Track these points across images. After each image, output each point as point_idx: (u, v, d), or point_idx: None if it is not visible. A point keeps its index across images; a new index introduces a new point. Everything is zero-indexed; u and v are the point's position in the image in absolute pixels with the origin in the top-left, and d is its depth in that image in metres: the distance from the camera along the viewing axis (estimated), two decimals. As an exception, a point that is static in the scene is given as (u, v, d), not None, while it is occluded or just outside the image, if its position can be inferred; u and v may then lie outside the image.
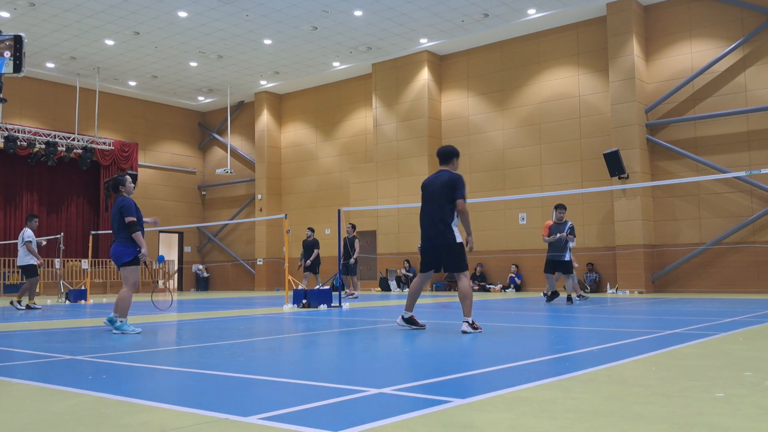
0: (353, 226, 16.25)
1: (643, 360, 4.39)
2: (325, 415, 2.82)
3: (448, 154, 6.86)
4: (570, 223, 11.75)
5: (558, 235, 11.51)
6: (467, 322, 6.28)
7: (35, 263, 12.33)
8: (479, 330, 6.29)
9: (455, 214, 6.52)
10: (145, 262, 7.12)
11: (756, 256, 15.67)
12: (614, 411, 2.82)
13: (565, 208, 11.77)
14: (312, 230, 16.24)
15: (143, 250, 6.97)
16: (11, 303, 12.25)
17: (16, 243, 21.58)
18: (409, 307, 6.83)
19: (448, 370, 4.12)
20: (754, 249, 15.68)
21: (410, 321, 6.81)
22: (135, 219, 6.93)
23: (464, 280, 6.45)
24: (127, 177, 7.25)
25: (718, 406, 2.88)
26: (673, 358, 4.51)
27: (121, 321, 6.80)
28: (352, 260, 15.58)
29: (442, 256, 6.54)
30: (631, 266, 16.72)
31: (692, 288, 16.47)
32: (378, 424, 2.62)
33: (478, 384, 3.61)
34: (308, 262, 15.57)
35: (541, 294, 12.16)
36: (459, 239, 6.46)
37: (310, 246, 15.70)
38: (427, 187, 6.91)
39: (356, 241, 15.86)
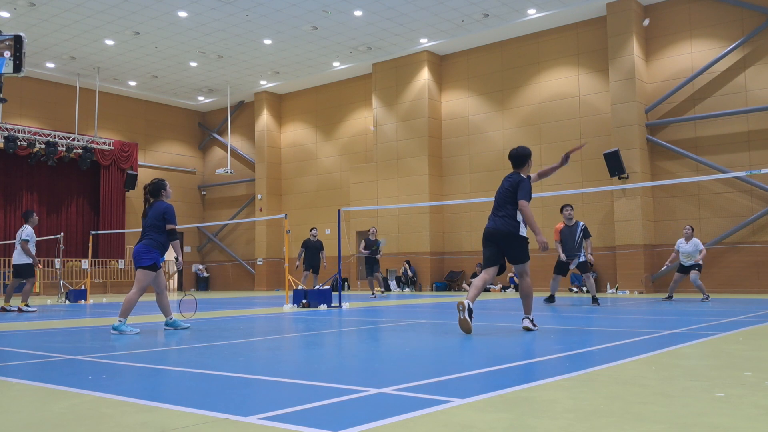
0: (375, 230, 16.83)
1: (643, 360, 4.39)
2: (325, 415, 2.81)
3: (521, 158, 6.76)
4: (582, 223, 11.29)
5: (562, 256, 11.15)
6: (529, 319, 6.45)
7: (30, 262, 11.67)
8: (536, 328, 6.43)
9: (518, 214, 6.41)
10: (180, 270, 7.28)
11: (756, 256, 15.67)
12: (614, 411, 2.82)
13: (572, 207, 11.35)
14: (316, 230, 16.22)
15: (181, 259, 7.29)
16: (20, 309, 11.41)
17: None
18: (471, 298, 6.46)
19: (448, 370, 4.12)
20: (754, 249, 15.68)
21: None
22: (176, 227, 7.08)
23: (525, 279, 6.52)
24: (167, 182, 7.42)
25: (718, 406, 2.88)
26: (673, 358, 4.51)
27: (120, 321, 6.82)
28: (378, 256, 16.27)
29: (504, 247, 6.38)
30: (631, 266, 16.72)
31: (692, 288, 16.46)
32: (378, 424, 2.61)
33: (478, 384, 3.61)
34: (325, 264, 15.76)
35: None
36: (523, 233, 6.38)
37: (314, 246, 15.62)
38: (497, 192, 6.75)
39: (380, 243, 16.35)
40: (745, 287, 15.65)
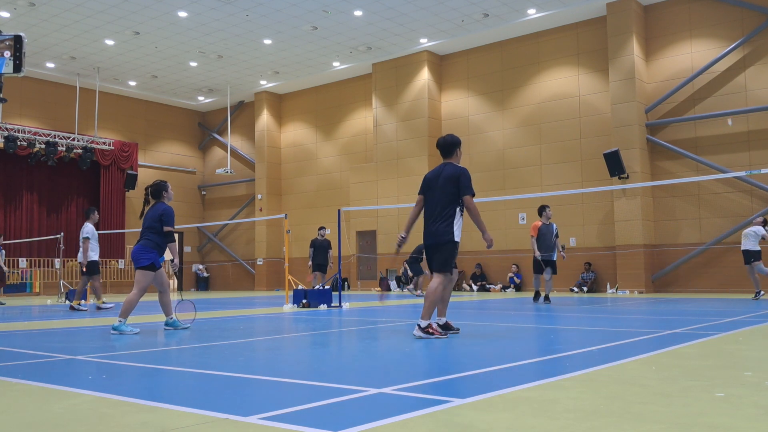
0: None
1: (643, 360, 4.39)
2: (325, 415, 2.82)
3: (449, 145, 6.22)
4: (555, 225, 12.21)
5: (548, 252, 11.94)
6: (419, 325, 5.85)
7: (96, 259, 11.68)
8: (435, 335, 5.78)
9: (459, 211, 6.01)
10: (176, 273, 7.27)
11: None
12: (614, 411, 2.82)
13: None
14: (324, 229, 16.12)
15: (176, 260, 7.20)
16: (98, 308, 11.32)
17: (17, 243, 21.74)
18: (441, 312, 6.24)
19: (448, 370, 4.12)
20: (754, 249, 15.65)
21: (446, 327, 6.25)
22: (173, 229, 7.08)
23: (436, 281, 5.91)
24: (168, 184, 7.44)
25: (718, 406, 2.88)
26: (673, 358, 4.51)
27: (120, 321, 6.82)
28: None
29: (434, 254, 6.02)
30: (631, 266, 16.72)
31: (692, 288, 16.47)
32: (378, 424, 2.62)
33: (478, 384, 3.61)
34: (331, 264, 15.71)
35: (542, 296, 12.41)
36: (456, 238, 5.93)
37: (322, 246, 15.58)
38: (429, 182, 6.32)
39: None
40: (745, 287, 15.63)
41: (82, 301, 12.01)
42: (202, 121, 27.98)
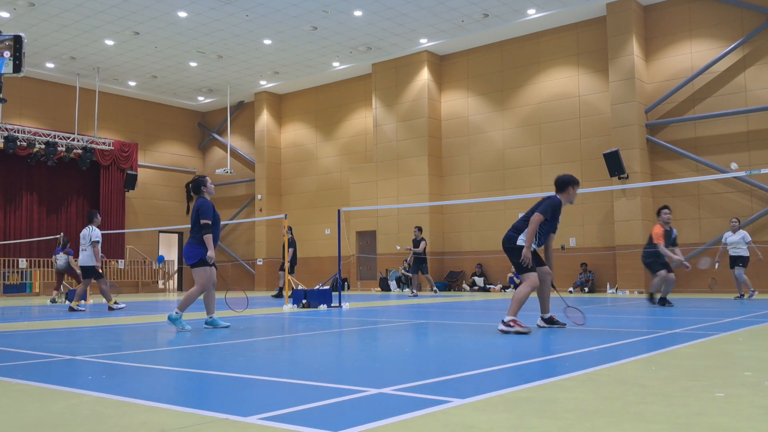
0: (419, 229, 17.02)
1: (643, 360, 4.39)
2: (325, 415, 2.81)
3: (561, 184, 6.84)
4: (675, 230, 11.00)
5: (680, 260, 10.55)
6: (503, 320, 6.24)
7: (96, 265, 11.55)
8: (519, 330, 6.06)
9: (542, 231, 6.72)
10: (214, 264, 7.38)
11: (756, 256, 15.64)
12: (614, 411, 2.82)
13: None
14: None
15: (210, 253, 7.22)
16: (71, 308, 11.22)
17: (17, 243, 21.74)
18: (544, 309, 6.86)
19: (448, 370, 4.12)
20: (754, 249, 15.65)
21: (550, 321, 6.83)
22: (209, 221, 7.18)
23: (523, 285, 6.39)
24: (207, 178, 7.55)
25: (718, 406, 2.88)
26: (673, 358, 4.51)
27: (177, 313, 7.11)
28: (410, 259, 16.67)
29: (509, 258, 6.70)
30: (631, 266, 16.71)
31: (692, 288, 16.46)
32: (378, 424, 2.61)
33: (478, 384, 3.61)
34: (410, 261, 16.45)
35: (654, 296, 11.63)
36: (521, 242, 6.53)
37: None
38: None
39: (422, 242, 16.50)
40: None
41: (82, 302, 12.00)
42: (202, 121, 27.98)
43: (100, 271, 11.71)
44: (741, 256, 13.24)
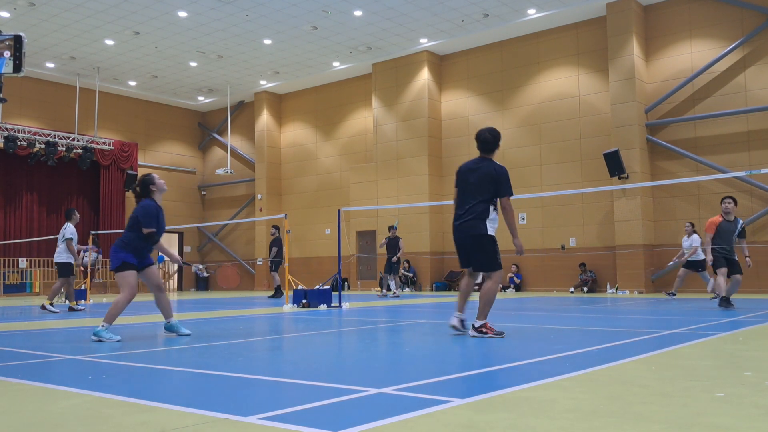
0: (394, 227, 17.30)
1: (643, 360, 4.39)
2: (325, 415, 2.82)
3: (493, 141, 5.96)
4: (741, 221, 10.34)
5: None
6: (473, 325, 5.81)
7: (72, 262, 11.51)
8: (490, 335, 5.76)
9: (494, 210, 5.85)
10: (180, 266, 6.93)
11: (756, 256, 15.63)
12: (614, 411, 2.82)
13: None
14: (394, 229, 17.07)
15: (177, 258, 6.83)
16: (43, 307, 11.26)
17: (18, 243, 21.74)
18: (460, 307, 6.15)
19: (448, 370, 4.12)
20: (754, 249, 15.64)
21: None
22: (154, 230, 6.36)
23: (489, 282, 5.84)
24: (155, 175, 6.69)
25: (718, 406, 2.88)
26: (673, 358, 4.51)
27: (102, 326, 6.20)
28: (394, 258, 16.69)
29: (471, 251, 5.89)
30: (631, 266, 16.72)
31: (692, 288, 16.46)
32: (378, 424, 2.62)
33: (478, 384, 3.61)
34: (395, 258, 16.61)
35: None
36: (491, 232, 5.81)
37: (390, 245, 16.65)
38: (464, 174, 6.03)
39: (400, 240, 16.85)
40: (745, 287, 15.61)
41: (82, 301, 11.98)
42: (202, 121, 27.98)
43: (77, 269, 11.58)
44: (697, 260, 13.25)
